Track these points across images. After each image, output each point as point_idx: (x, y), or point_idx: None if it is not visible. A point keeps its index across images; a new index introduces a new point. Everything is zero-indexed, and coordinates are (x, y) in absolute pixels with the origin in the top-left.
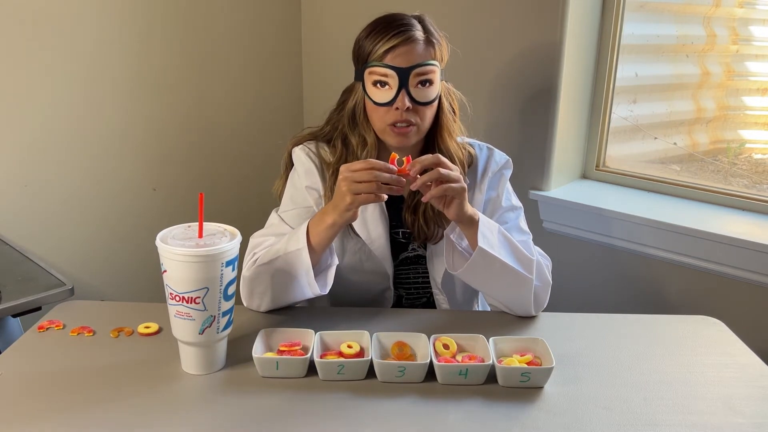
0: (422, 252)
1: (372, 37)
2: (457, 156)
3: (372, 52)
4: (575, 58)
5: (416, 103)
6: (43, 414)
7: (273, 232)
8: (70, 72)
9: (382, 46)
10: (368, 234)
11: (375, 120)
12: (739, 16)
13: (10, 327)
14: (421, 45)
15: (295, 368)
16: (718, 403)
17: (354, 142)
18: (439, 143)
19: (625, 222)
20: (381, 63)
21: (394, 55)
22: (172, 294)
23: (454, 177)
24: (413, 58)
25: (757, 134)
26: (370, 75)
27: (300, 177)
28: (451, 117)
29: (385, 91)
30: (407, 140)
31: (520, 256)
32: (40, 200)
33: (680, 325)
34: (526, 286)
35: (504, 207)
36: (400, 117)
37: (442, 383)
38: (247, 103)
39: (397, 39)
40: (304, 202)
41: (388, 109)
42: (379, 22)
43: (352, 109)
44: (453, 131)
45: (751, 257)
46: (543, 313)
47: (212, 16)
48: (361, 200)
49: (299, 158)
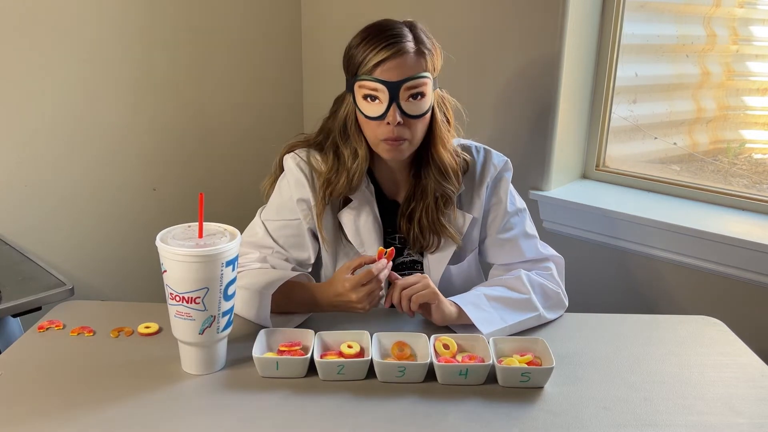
0: (418, 257)
1: (362, 48)
2: (450, 166)
3: (362, 65)
4: (575, 58)
5: (408, 117)
6: (43, 414)
7: (257, 244)
8: (71, 72)
9: (372, 59)
10: (361, 243)
11: (367, 133)
12: (739, 16)
13: (10, 327)
14: (412, 57)
15: (295, 368)
16: (718, 403)
17: (345, 153)
18: (433, 154)
19: (625, 222)
20: (371, 77)
21: (383, 69)
22: (172, 294)
23: (419, 287)
24: (404, 72)
25: (757, 134)
26: (360, 89)
27: (290, 187)
28: (445, 127)
29: (375, 105)
30: (400, 154)
31: (519, 305)
32: (40, 200)
33: (680, 325)
34: (537, 319)
35: (509, 212)
36: (392, 133)
37: (442, 383)
38: (248, 103)
39: (387, 52)
40: (291, 215)
41: (380, 123)
42: (370, 31)
43: (344, 120)
44: (447, 141)
45: (751, 257)
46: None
47: (213, 17)
48: (375, 305)
49: (290, 168)
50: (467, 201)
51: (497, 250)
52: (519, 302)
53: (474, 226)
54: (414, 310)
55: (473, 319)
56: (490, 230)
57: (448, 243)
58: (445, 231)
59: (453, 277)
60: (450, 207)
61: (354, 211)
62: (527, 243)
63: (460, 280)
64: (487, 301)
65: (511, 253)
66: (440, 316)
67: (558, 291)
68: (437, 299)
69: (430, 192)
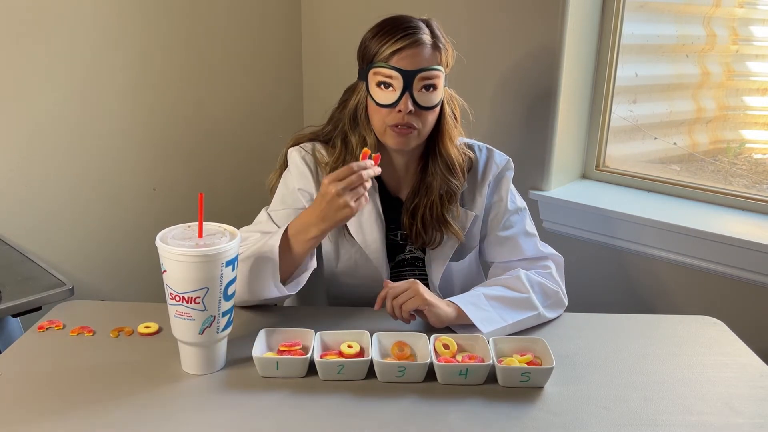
0: (419, 254)
1: (379, 38)
2: (457, 161)
3: (378, 53)
4: (575, 58)
5: (419, 107)
6: (43, 414)
7: (260, 230)
8: (71, 72)
9: (389, 47)
10: (364, 238)
11: (375, 121)
12: (739, 16)
13: (10, 327)
14: (428, 49)
15: (295, 368)
16: (718, 403)
17: (354, 141)
18: (440, 148)
19: (625, 222)
20: (387, 64)
21: (400, 57)
22: (172, 294)
23: (406, 296)
24: (419, 62)
25: (757, 134)
26: (375, 75)
27: (293, 178)
28: (453, 123)
29: (388, 93)
30: (407, 142)
31: (518, 304)
32: (40, 200)
33: (680, 325)
34: (537, 318)
35: (510, 210)
36: (402, 120)
37: (442, 383)
38: (247, 103)
39: (404, 41)
40: (295, 203)
41: (390, 110)
42: (387, 23)
43: (354, 108)
44: (454, 137)
45: (751, 257)
46: None
47: (213, 16)
48: (361, 205)
49: (294, 161)
50: (470, 198)
51: (497, 247)
52: (518, 301)
53: (476, 223)
54: (406, 318)
55: (473, 318)
56: (490, 228)
57: (450, 239)
58: (449, 227)
59: (453, 275)
60: (454, 203)
61: None
62: (527, 241)
63: (460, 278)
64: (486, 301)
65: (510, 251)
66: (436, 318)
67: (557, 290)
68: (427, 304)
69: (435, 188)
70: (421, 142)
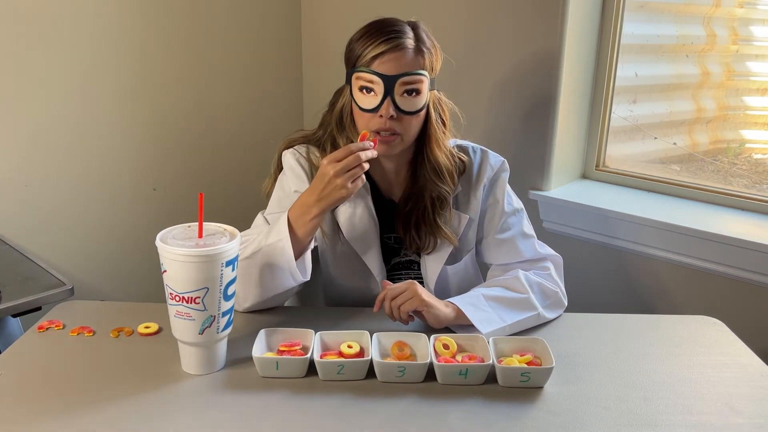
0: (415, 257)
1: (362, 41)
2: (446, 166)
3: (360, 57)
4: (575, 58)
5: (401, 112)
6: (43, 414)
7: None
8: (71, 72)
9: (371, 51)
10: (358, 243)
11: (360, 125)
12: (739, 16)
13: (10, 327)
14: (410, 53)
15: (295, 368)
16: (718, 403)
17: (341, 144)
18: (427, 153)
19: (625, 222)
20: (368, 69)
21: (381, 61)
22: (172, 294)
23: (404, 298)
24: (401, 66)
25: (757, 134)
26: (357, 80)
27: (289, 181)
28: (440, 128)
29: (370, 98)
30: (390, 149)
31: (517, 304)
32: (40, 200)
33: (680, 325)
34: (536, 318)
35: (507, 212)
36: (384, 125)
37: (442, 383)
38: (247, 103)
39: (385, 45)
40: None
41: (373, 115)
42: (372, 26)
43: (340, 111)
44: (442, 142)
45: (751, 257)
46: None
47: (213, 16)
48: (357, 186)
49: (288, 163)
50: (464, 201)
51: (495, 250)
52: (518, 301)
53: (470, 226)
54: (404, 319)
55: (472, 319)
56: (487, 231)
57: (445, 244)
58: (441, 232)
59: (450, 278)
60: (446, 208)
61: (349, 206)
62: (525, 243)
63: (456, 281)
64: (485, 301)
65: (509, 254)
66: (434, 319)
67: (556, 290)
68: (425, 305)
69: (426, 193)
70: (407, 147)
